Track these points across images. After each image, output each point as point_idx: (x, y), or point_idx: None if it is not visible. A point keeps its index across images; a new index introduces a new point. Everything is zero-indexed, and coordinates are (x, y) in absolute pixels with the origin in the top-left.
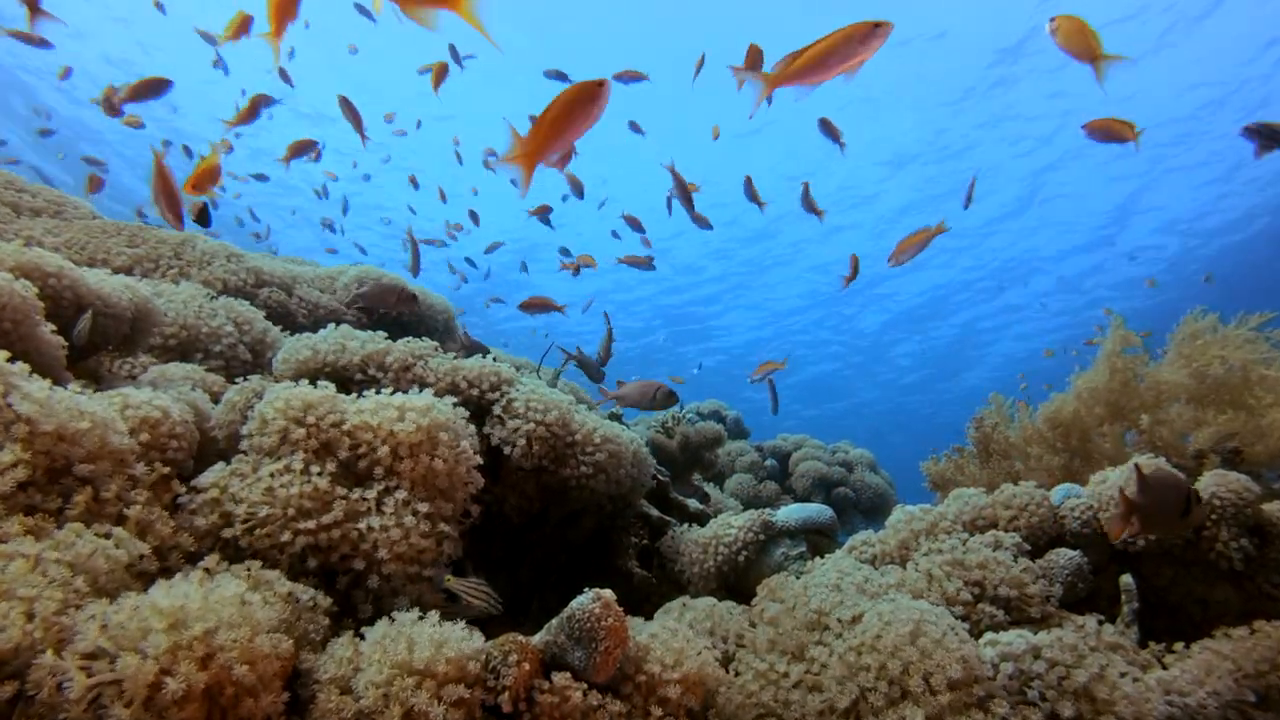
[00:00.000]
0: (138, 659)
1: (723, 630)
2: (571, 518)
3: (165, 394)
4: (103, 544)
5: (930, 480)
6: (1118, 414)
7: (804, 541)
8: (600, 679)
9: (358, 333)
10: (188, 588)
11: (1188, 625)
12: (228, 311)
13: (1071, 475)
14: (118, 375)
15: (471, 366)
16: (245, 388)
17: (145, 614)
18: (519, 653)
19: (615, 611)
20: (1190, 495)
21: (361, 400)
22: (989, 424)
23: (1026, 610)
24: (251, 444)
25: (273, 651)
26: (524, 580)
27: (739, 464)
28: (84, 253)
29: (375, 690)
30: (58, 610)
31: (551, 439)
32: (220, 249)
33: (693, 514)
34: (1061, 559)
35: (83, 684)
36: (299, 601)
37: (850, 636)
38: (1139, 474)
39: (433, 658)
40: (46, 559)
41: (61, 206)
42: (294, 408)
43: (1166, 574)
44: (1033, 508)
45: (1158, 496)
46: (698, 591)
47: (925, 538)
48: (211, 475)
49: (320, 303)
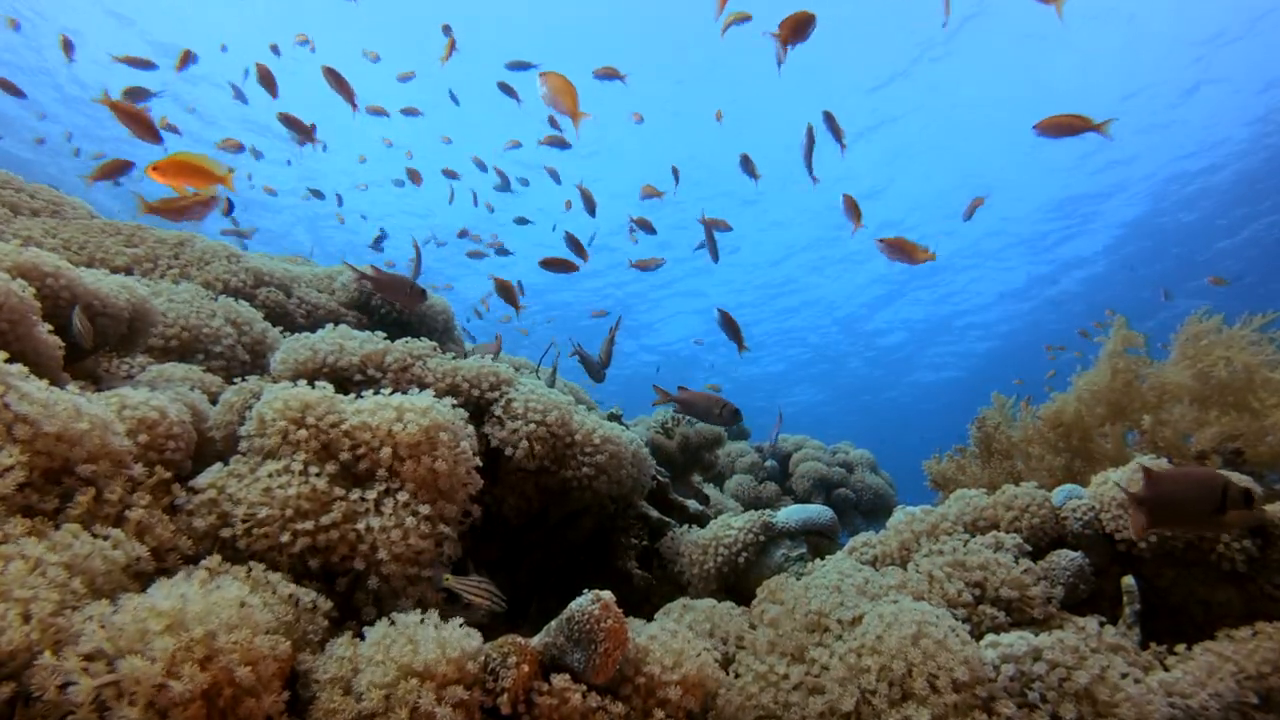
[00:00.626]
0: (142, 660)
1: (722, 632)
2: (571, 519)
3: (163, 394)
4: (100, 545)
5: (932, 479)
6: (1119, 414)
7: (804, 543)
8: (599, 681)
9: (356, 333)
10: (186, 589)
11: (1190, 627)
12: (226, 312)
13: (1073, 476)
14: (115, 375)
15: (470, 367)
16: (243, 388)
17: (144, 616)
18: (518, 654)
19: (615, 613)
20: (1225, 490)
21: (360, 401)
22: (991, 423)
23: (1028, 612)
24: (249, 445)
25: (271, 653)
26: (523, 582)
27: (739, 465)
28: (82, 253)
29: (377, 691)
30: (54, 611)
31: (551, 439)
32: (219, 249)
33: (692, 515)
34: (1063, 560)
35: (89, 686)
36: (299, 603)
37: (851, 638)
38: (1145, 471)
39: (434, 659)
40: (44, 560)
41: (60, 206)
42: (292, 408)
43: (1168, 575)
44: (1034, 509)
45: (1177, 491)
46: (698, 593)
47: (926, 539)
48: (209, 476)
49: (319, 303)
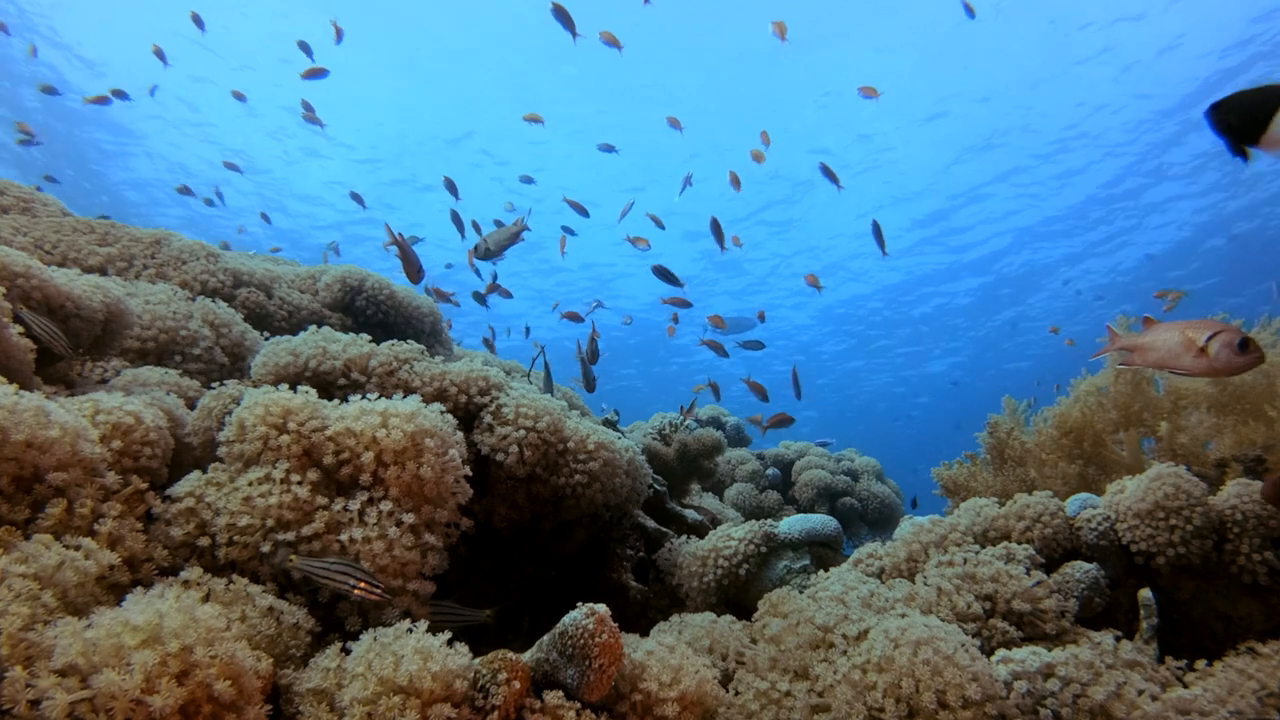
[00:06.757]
0: (118, 675)
1: (722, 647)
2: (563, 529)
3: (138, 399)
4: (71, 556)
5: (943, 486)
6: (1130, 419)
7: (808, 554)
8: (594, 698)
9: (340, 335)
10: (161, 604)
11: (1210, 642)
12: (204, 313)
13: (1087, 484)
14: (89, 379)
15: (459, 371)
16: (222, 393)
17: (118, 630)
18: (509, 671)
19: (610, 628)
20: None
21: (344, 406)
22: (1003, 429)
23: (1041, 626)
24: (229, 451)
25: (252, 668)
26: (514, 595)
27: (739, 473)
28: (54, 252)
29: (360, 709)
30: (24, 626)
31: (543, 446)
32: (197, 247)
33: (691, 525)
34: (1077, 572)
35: (64, 701)
36: (280, 617)
37: (857, 654)
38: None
39: (418, 673)
40: (11, 572)
41: (30, 203)
42: (273, 414)
43: (1188, 588)
44: (1046, 518)
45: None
46: (696, 606)
47: (935, 550)
48: (187, 484)
49: (301, 304)
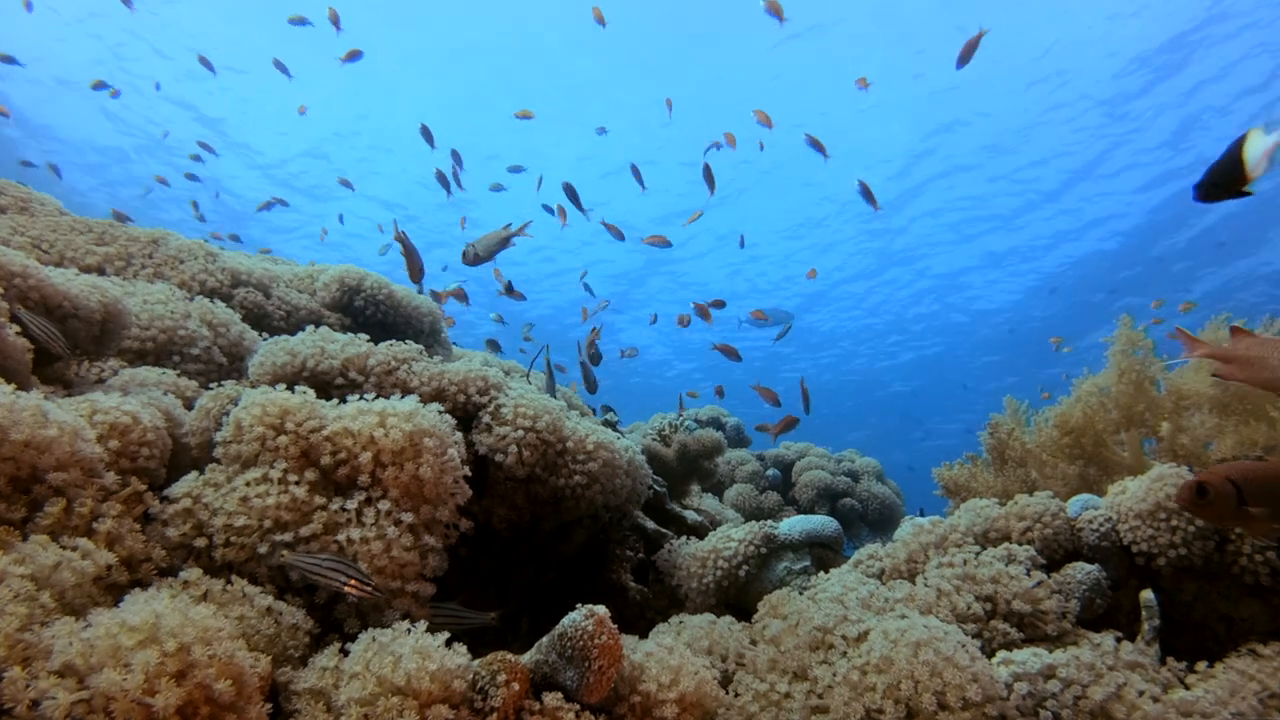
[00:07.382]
0: (117, 675)
1: (722, 649)
2: (563, 530)
3: (135, 399)
4: (69, 556)
5: (943, 487)
6: (1131, 419)
7: (808, 555)
8: (593, 700)
9: (338, 335)
10: (157, 604)
11: (1212, 643)
12: (202, 313)
13: (1088, 485)
14: (86, 380)
15: (457, 371)
16: (220, 393)
17: (116, 630)
18: (508, 672)
19: (609, 629)
20: None
21: (342, 406)
22: (1004, 430)
23: (1041, 627)
24: (226, 452)
25: (251, 667)
26: (513, 596)
27: (739, 474)
28: (51, 251)
29: (357, 709)
30: (21, 626)
31: (542, 446)
32: (196, 247)
33: (691, 526)
34: (1078, 573)
35: (65, 701)
36: (279, 618)
37: (856, 655)
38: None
39: (416, 674)
40: (9, 572)
41: (28, 203)
42: (271, 414)
43: (1189, 589)
44: (1047, 519)
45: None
46: (696, 607)
47: (935, 551)
48: (184, 485)
49: (299, 304)
